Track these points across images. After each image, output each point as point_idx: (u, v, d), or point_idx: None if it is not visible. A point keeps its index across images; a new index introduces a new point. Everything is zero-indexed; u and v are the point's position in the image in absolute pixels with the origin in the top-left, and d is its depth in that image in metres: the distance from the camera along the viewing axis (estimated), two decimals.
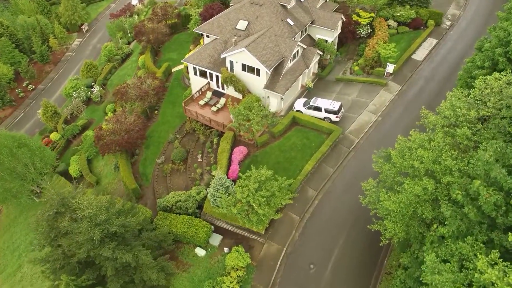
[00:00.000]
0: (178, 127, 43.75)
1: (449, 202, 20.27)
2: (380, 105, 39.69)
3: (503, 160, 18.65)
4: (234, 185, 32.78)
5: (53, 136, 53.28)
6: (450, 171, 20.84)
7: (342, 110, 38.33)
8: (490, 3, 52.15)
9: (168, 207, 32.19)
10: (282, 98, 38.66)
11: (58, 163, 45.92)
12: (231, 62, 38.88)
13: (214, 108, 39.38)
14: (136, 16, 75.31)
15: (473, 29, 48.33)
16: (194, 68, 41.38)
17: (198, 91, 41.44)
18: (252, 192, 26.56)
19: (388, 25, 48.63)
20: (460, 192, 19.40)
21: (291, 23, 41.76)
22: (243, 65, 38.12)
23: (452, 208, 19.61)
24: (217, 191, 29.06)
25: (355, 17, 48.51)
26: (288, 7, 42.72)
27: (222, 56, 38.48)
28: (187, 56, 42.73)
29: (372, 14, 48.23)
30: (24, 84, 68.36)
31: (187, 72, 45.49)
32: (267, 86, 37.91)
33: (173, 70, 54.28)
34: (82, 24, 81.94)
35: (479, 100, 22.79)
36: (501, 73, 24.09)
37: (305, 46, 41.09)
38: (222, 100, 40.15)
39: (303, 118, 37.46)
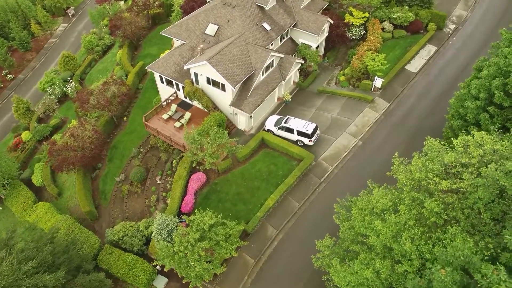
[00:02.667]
0: (146, 138, 40.48)
1: None
2: (363, 126, 35.36)
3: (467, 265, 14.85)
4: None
5: (25, 135, 50.70)
6: (409, 256, 17.20)
7: (318, 132, 34.25)
8: (503, 2, 45.68)
9: (115, 241, 29.59)
10: (251, 117, 34.75)
11: (20, 172, 43.52)
12: (196, 74, 34.87)
13: (177, 124, 35.82)
14: (122, 3, 70.50)
15: (480, 35, 42.43)
16: (160, 76, 37.55)
17: (162, 103, 37.78)
18: (192, 243, 23.50)
19: (383, 28, 43.17)
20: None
21: (268, 27, 36.98)
22: (208, 79, 34.11)
23: None
24: (159, 234, 26.12)
25: (347, 17, 43.14)
26: (266, 8, 37.76)
27: (185, 67, 34.43)
28: (153, 62, 38.71)
29: (366, 14, 42.75)
30: (3, 74, 65.48)
31: None
32: (234, 103, 33.96)
33: (148, 69, 50.35)
34: (67, 8, 77.57)
35: (456, 166, 18.58)
36: (489, 135, 19.62)
37: (282, 55, 36.53)
38: (188, 115, 36.47)
39: (273, 140, 33.62)
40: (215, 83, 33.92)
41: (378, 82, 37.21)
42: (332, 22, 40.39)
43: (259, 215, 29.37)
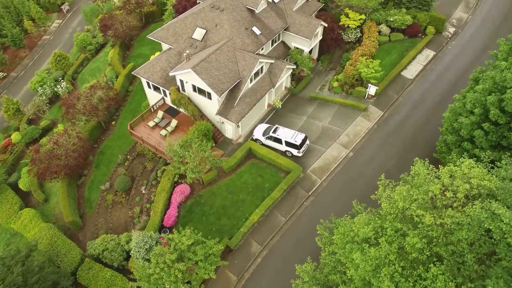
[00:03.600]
0: (133, 143, 39.47)
1: None
2: (354, 136, 34.10)
3: None
4: (170, 233, 29.08)
5: (14, 137, 49.89)
6: None
7: (307, 142, 33.06)
8: (505, 4, 43.74)
9: (95, 255, 28.87)
10: (238, 126, 33.62)
11: (7, 176, 42.82)
12: (182, 81, 33.69)
13: (163, 132, 34.80)
14: (116, 0, 68.91)
15: (480, 39, 40.67)
16: (147, 82, 36.43)
17: (149, 109, 36.71)
18: (169, 265, 22.66)
19: (379, 31, 41.52)
20: None
21: (258, 32, 35.56)
22: (194, 86, 32.93)
23: None
24: (137, 252, 25.31)
25: (343, 19, 41.55)
26: (256, 11, 36.28)
27: (170, 74, 33.26)
28: (140, 67, 37.53)
29: (363, 16, 41.11)
30: None
31: None
32: (220, 112, 32.80)
33: (135, 74, 49.09)
34: (62, 4, 76.11)
35: (441, 199, 17.37)
36: (479, 163, 18.32)
37: (271, 61, 35.18)
38: (174, 122, 35.41)
39: (260, 151, 32.51)
40: (201, 91, 32.76)
41: (372, 89, 35.82)
42: (326, 25, 38.85)
43: (242, 230, 28.44)
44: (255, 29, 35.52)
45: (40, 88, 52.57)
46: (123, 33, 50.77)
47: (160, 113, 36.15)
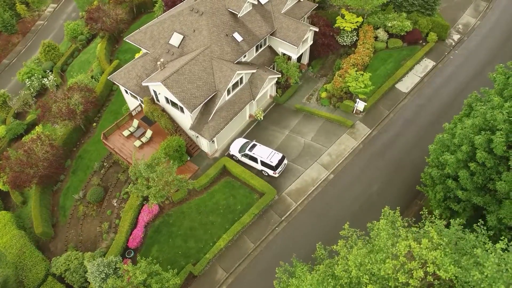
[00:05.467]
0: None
1: None
2: (337, 156, 31.92)
3: None
4: (134, 254, 28.17)
5: (0, 131, 49.44)
6: None
7: (285, 162, 31.12)
8: None
9: (58, 275, 28.24)
10: (213, 141, 31.82)
11: None
12: (155, 91, 31.81)
13: (137, 143, 33.32)
14: None
15: (486, 49, 37.04)
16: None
17: (125, 116, 35.11)
18: None
19: (376, 37, 38.26)
20: None
21: (239, 39, 32.98)
22: (167, 98, 31.03)
23: None
24: (94, 280, 24.42)
25: (339, 20, 38.40)
26: (239, 15, 33.52)
27: (143, 84, 31.36)
28: (117, 71, 35.64)
29: (360, 19, 37.83)
30: None
31: None
32: (194, 127, 30.97)
33: (110, 79, 47.04)
34: None
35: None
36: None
37: (253, 71, 32.79)
38: (149, 133, 33.82)
39: (235, 170, 30.79)
40: (174, 104, 30.88)
41: (361, 105, 33.21)
42: (317, 29, 35.84)
43: (208, 257, 27.23)
44: (236, 35, 32.94)
45: (27, 80, 51.37)
46: (111, 26, 48.59)
47: (136, 122, 34.55)
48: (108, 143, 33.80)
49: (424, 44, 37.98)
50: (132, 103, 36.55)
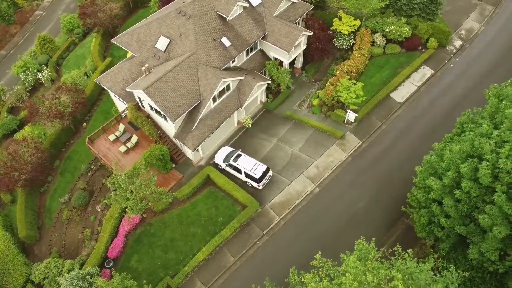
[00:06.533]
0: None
1: None
2: (324, 169, 30.98)
3: None
4: (113, 265, 28.00)
5: None
6: None
7: (270, 174, 30.31)
8: None
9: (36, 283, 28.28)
10: (197, 150, 31.13)
11: None
12: (139, 98, 31.05)
13: (122, 148, 32.83)
14: None
15: (489, 58, 35.20)
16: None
17: (112, 120, 34.52)
18: None
19: (373, 42, 36.65)
20: None
21: (227, 44, 31.79)
22: (150, 105, 30.28)
23: None
24: None
25: (336, 22, 36.86)
26: (228, 18, 32.25)
27: (127, 89, 30.60)
28: (104, 73, 34.92)
29: (358, 22, 36.19)
30: None
31: None
32: (177, 136, 30.26)
33: (97, 81, 46.20)
34: None
35: None
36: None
37: (241, 77, 31.72)
38: (134, 138, 33.24)
39: (218, 180, 30.14)
40: (158, 111, 30.12)
41: (351, 116, 32.02)
42: (311, 33, 34.38)
43: (186, 269, 26.90)
44: (224, 40, 31.76)
45: (22, 74, 50.98)
46: (105, 21, 47.60)
47: (122, 127, 33.96)
48: (94, 147, 33.38)
49: (423, 50, 36.28)
50: (121, 105, 35.89)
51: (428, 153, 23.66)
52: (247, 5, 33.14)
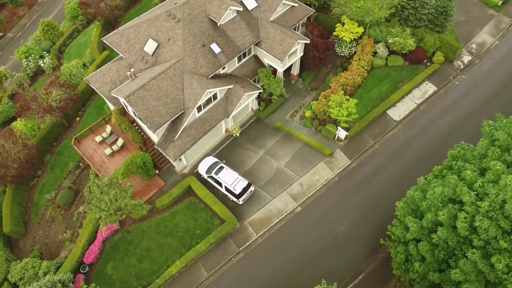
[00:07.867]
0: None
1: None
2: (308, 187, 29.92)
3: None
4: (88, 270, 28.18)
5: None
6: None
7: (251, 189, 29.48)
8: None
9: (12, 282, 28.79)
10: (180, 160, 30.48)
11: None
12: (124, 103, 30.36)
13: (108, 151, 32.54)
14: None
15: (500, 76, 32.70)
16: None
17: (100, 120, 34.14)
18: None
19: (374, 53, 34.52)
20: None
21: (217, 50, 30.43)
22: (134, 112, 29.60)
23: None
24: None
25: (338, 28, 34.85)
26: (220, 23, 30.74)
27: (112, 94, 29.91)
28: (93, 72, 34.22)
29: (361, 29, 34.07)
30: None
31: None
32: (160, 144, 29.60)
33: (86, 80, 45.31)
34: None
35: None
36: None
37: (228, 86, 30.53)
38: (120, 141, 32.83)
39: (199, 191, 29.58)
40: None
41: (342, 133, 30.54)
42: (308, 41, 32.58)
43: (158, 282, 26.84)
44: (214, 46, 30.40)
45: (24, 60, 50.99)
46: (105, 12, 46.62)
47: (109, 128, 33.55)
48: (80, 148, 33.22)
49: (428, 64, 33.97)
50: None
51: (410, 188, 22.20)
52: (241, 9, 31.46)
